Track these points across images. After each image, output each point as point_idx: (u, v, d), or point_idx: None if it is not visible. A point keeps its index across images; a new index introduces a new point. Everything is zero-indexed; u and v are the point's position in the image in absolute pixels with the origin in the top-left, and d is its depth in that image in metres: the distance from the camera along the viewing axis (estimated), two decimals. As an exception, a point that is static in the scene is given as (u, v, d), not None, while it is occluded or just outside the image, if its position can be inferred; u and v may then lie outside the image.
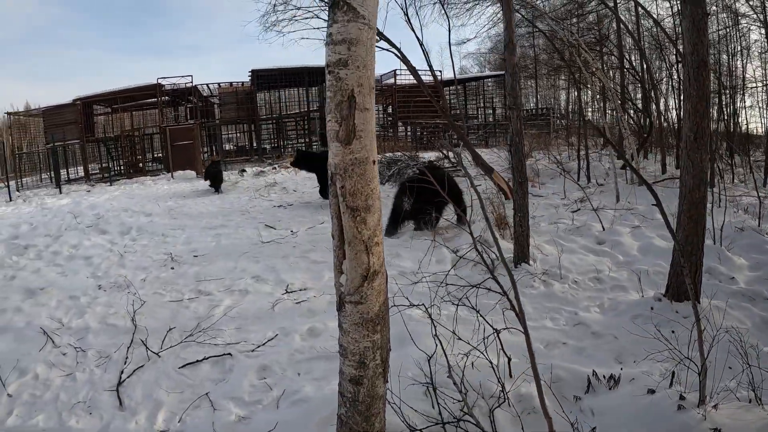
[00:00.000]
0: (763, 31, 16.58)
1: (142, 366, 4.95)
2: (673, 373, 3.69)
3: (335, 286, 3.00)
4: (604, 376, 3.95)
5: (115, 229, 10.76)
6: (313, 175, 15.14)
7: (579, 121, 18.52)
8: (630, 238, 8.10)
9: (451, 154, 16.31)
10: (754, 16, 16.54)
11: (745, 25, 17.42)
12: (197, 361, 4.99)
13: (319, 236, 9.52)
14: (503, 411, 3.67)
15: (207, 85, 26.03)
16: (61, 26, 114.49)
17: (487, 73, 35.50)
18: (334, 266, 2.98)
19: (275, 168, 20.25)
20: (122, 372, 4.84)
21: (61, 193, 17.96)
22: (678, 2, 14.77)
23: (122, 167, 23.52)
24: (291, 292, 6.78)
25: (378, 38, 13.89)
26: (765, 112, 20.07)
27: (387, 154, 18.77)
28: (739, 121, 17.01)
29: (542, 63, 31.40)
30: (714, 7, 15.23)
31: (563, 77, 31.19)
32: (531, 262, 7.23)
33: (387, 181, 15.94)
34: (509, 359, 4.18)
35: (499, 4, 16.86)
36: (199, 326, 5.75)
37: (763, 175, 13.56)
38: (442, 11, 16.83)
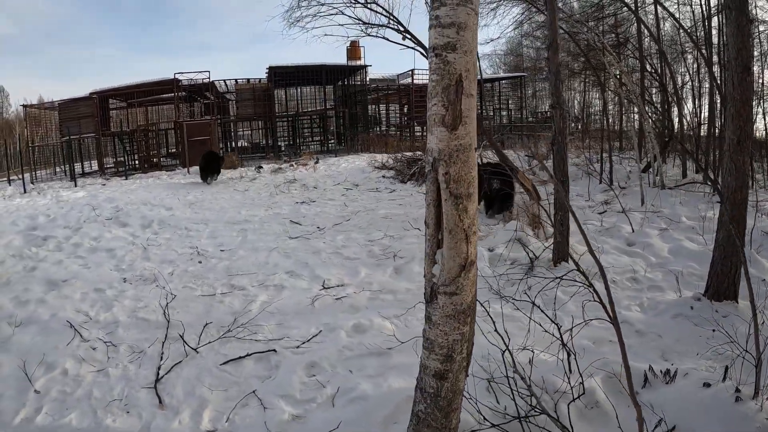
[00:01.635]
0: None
1: (180, 362, 4.64)
2: (727, 367, 3.69)
3: (425, 277, 2.82)
4: (661, 371, 3.93)
5: (136, 222, 10.47)
6: (332, 172, 15.81)
7: (604, 123, 18.21)
8: (659, 240, 7.89)
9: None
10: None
11: (764, 30, 17.14)
12: (240, 357, 4.69)
13: (347, 233, 9.24)
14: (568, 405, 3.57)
15: (224, 81, 25.85)
16: (73, 24, 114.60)
17: (504, 74, 35.12)
18: (426, 256, 2.82)
19: (292, 165, 19.99)
20: (159, 368, 4.53)
21: (76, 186, 17.73)
22: (701, 9, 14.52)
23: (137, 162, 23.31)
24: (328, 287, 6.48)
25: (403, 36, 13.60)
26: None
27: (407, 154, 18.57)
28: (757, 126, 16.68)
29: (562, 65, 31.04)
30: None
31: (579, 80, 30.89)
32: (569, 261, 6.99)
33: (409, 179, 15.69)
34: (569, 354, 3.96)
35: (524, 5, 16.58)
36: (236, 321, 5.45)
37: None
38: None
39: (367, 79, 27.95)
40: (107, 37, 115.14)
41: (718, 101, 12.94)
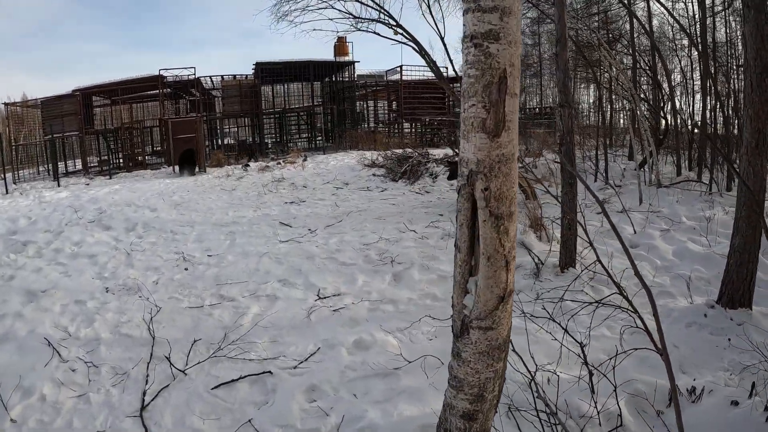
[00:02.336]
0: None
1: (167, 386, 4.27)
2: (753, 383, 3.60)
3: (454, 309, 2.43)
4: (687, 390, 3.77)
5: (120, 224, 10.03)
6: (321, 170, 16.40)
7: (599, 120, 18.02)
8: (663, 242, 7.69)
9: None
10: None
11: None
12: (233, 380, 4.31)
13: (341, 235, 8.86)
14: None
15: (210, 77, 25.32)
16: (65, 20, 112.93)
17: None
18: (456, 284, 2.42)
19: (280, 163, 19.56)
20: (145, 393, 4.16)
21: (59, 186, 17.24)
22: (693, 6, 14.39)
23: (121, 160, 22.77)
24: (324, 297, 6.11)
25: (395, 31, 13.22)
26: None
27: (397, 151, 18.25)
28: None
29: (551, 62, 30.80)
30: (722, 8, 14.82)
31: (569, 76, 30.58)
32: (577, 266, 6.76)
33: (400, 178, 15.36)
34: (591, 374, 3.84)
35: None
36: (227, 338, 5.06)
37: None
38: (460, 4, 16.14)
39: (355, 75, 27.55)
40: (95, 33, 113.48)
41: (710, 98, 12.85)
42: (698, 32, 13.28)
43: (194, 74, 22.94)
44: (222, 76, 25.12)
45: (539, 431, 3.26)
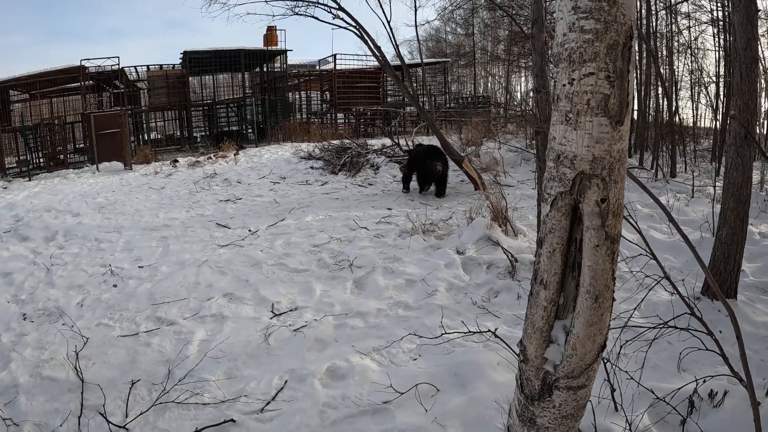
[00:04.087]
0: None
1: (106, 449, 3.40)
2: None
3: (527, 364, 1.83)
4: (708, 395, 3.64)
5: (39, 234, 8.81)
6: (255, 164, 15.95)
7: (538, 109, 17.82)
8: (625, 231, 7.23)
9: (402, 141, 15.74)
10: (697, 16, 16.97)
11: (685, 23, 17.76)
12: (187, 436, 3.48)
13: (286, 236, 8.09)
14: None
15: (135, 68, 23.74)
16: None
17: (428, 60, 34.34)
18: (536, 332, 1.79)
19: (211, 158, 18.46)
20: (77, 461, 3.28)
21: (-31, 192, 15.59)
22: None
23: (42, 160, 20.99)
24: (280, 314, 5.32)
25: (335, 15, 12.44)
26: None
27: (334, 142, 17.54)
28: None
29: (502, 53, 30.68)
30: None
31: (503, 65, 30.74)
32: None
33: (340, 170, 14.65)
34: (613, 390, 3.55)
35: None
36: (171, 375, 4.18)
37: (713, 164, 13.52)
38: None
39: (286, 64, 26.56)
40: (7, 23, 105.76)
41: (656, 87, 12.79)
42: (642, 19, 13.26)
43: (118, 64, 21.43)
44: (147, 67, 23.61)
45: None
